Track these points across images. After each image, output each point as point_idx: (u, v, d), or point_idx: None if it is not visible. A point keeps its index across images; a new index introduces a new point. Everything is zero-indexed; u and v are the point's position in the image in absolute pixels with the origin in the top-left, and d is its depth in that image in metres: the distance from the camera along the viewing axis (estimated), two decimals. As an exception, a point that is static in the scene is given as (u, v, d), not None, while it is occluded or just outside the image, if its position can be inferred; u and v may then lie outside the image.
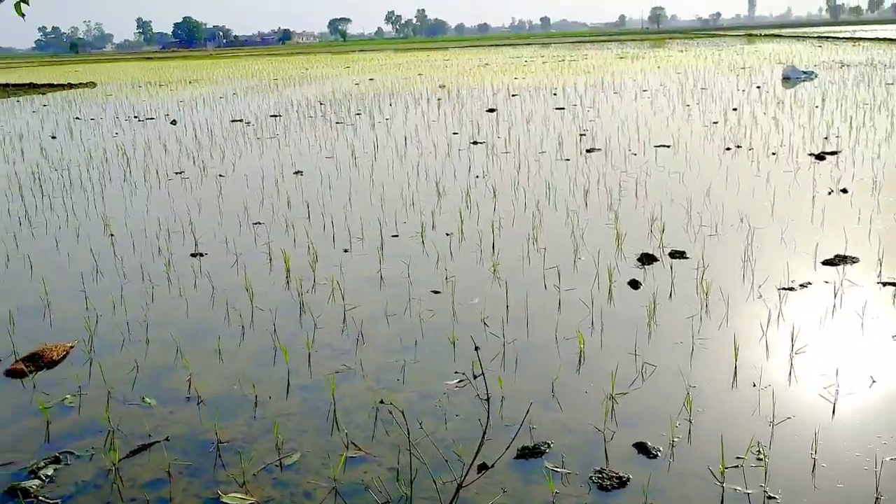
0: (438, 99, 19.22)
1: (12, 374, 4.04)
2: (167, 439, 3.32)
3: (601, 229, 6.33)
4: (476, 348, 3.49)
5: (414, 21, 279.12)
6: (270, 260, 5.90)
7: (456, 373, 3.80)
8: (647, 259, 5.48)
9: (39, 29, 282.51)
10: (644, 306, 4.53)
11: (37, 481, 3.03)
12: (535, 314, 4.59)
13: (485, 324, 4.46)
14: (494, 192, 7.88)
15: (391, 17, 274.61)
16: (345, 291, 5.09)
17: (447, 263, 5.64)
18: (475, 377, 3.54)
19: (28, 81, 35.75)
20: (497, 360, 4.00)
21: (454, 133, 12.69)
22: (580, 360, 3.97)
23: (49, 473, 3.09)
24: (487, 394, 2.59)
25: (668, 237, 5.96)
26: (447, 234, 6.40)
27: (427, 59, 48.61)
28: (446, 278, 5.29)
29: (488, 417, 2.66)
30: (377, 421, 3.41)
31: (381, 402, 3.51)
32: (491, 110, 15.97)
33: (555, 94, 18.98)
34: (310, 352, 4.17)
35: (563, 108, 15.64)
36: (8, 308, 5.02)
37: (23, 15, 3.27)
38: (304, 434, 3.34)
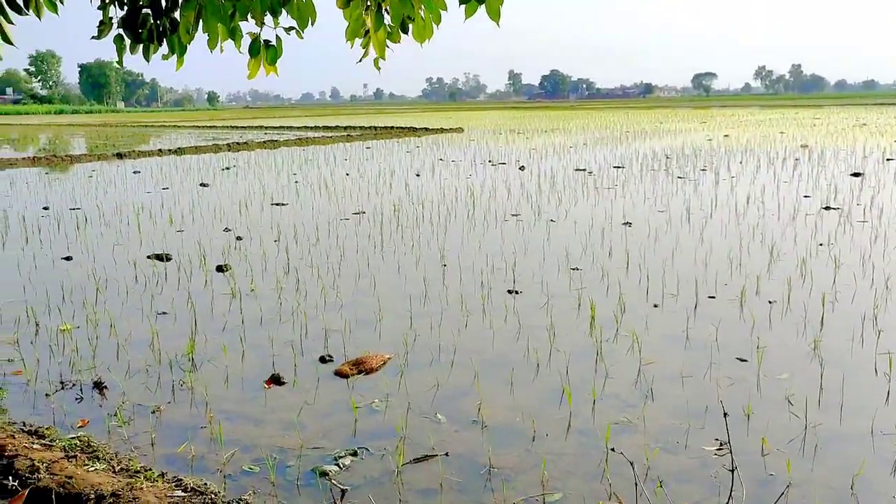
0: (796, 159, 17.90)
1: (339, 374, 4.67)
2: (446, 454, 3.59)
3: (962, 318, 5.42)
4: (725, 415, 3.25)
5: (787, 77, 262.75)
6: (579, 306, 6.03)
7: (716, 440, 3.57)
8: None
9: (427, 79, 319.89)
10: None
11: (336, 467, 3.48)
12: (854, 401, 4.09)
13: (789, 402, 4.10)
14: (837, 263, 7.14)
15: (761, 73, 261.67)
16: (645, 346, 5.02)
17: (763, 332, 5.26)
18: (721, 446, 3.31)
19: (410, 125, 40.59)
20: (794, 442, 3.65)
21: (805, 196, 11.74)
22: (897, 461, 3.45)
23: (346, 463, 3.53)
24: (734, 465, 2.40)
25: None
26: (770, 302, 5.97)
27: (794, 117, 45.43)
28: (757, 347, 4.94)
29: (731, 491, 2.46)
30: (647, 479, 3.33)
31: (612, 449, 3.51)
32: (856, 174, 14.46)
33: (941, 161, 16.56)
34: (595, 399, 4.19)
35: (948, 177, 13.59)
36: (349, 318, 5.80)
37: None
38: (571, 476, 3.38)
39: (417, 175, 16.08)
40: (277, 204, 12.10)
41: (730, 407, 4.05)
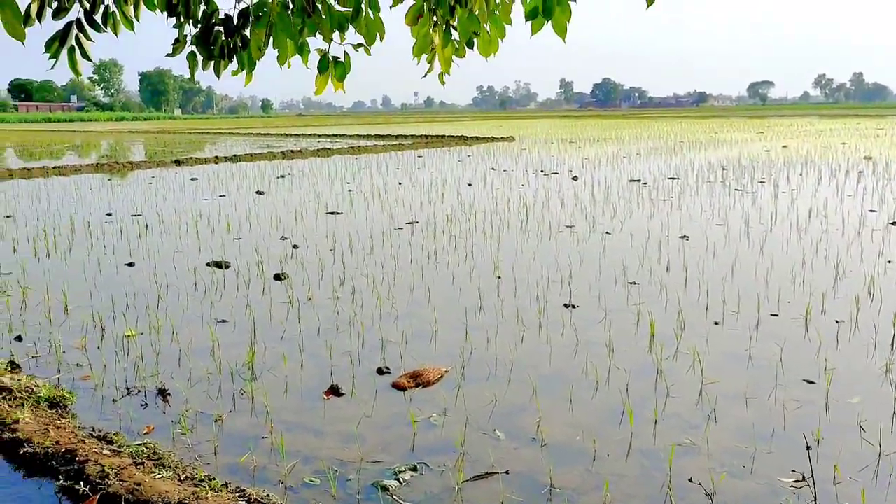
0: (860, 172, 17.41)
1: (397, 386, 4.68)
2: (507, 472, 3.56)
3: None
4: (808, 448, 3.16)
5: (847, 85, 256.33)
6: (638, 321, 5.94)
7: (793, 471, 3.46)
8: None
9: (477, 87, 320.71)
10: None
11: (396, 482, 3.49)
12: (929, 428, 3.94)
13: (861, 427, 3.97)
14: (906, 282, 6.92)
15: (820, 81, 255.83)
16: (707, 364, 4.92)
17: (830, 353, 5.11)
18: (802, 479, 3.20)
19: (460, 134, 40.66)
20: (867, 471, 3.53)
21: (871, 210, 11.40)
22: (978, 494, 3.31)
23: (406, 478, 3.53)
24: (816, 499, 2.33)
25: None
26: (837, 322, 5.80)
27: (856, 128, 44.23)
28: (825, 369, 4.80)
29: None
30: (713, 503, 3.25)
31: (690, 479, 3.44)
32: (923, 188, 14.00)
33: None
34: (657, 419, 4.12)
35: None
36: (405, 329, 5.82)
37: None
38: (633, 499, 3.32)
39: (469, 184, 16.09)
40: (332, 212, 12.22)
41: (799, 431, 3.94)
